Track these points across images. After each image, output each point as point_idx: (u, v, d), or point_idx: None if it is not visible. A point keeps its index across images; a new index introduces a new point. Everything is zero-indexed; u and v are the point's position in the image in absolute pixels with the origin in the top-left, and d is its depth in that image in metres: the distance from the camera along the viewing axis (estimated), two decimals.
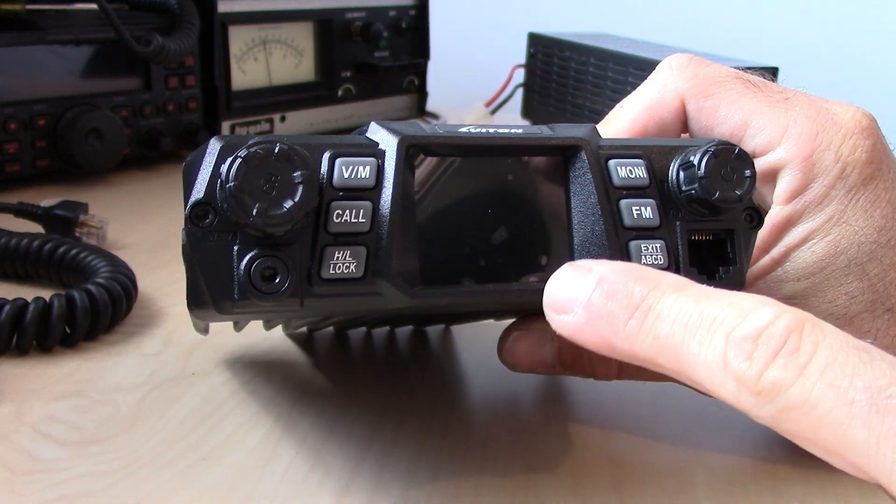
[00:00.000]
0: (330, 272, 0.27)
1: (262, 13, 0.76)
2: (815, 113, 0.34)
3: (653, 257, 0.30)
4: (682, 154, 0.31)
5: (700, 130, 0.36)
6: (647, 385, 0.38)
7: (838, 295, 0.33)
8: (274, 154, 0.26)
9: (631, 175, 0.30)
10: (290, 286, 0.26)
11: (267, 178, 0.26)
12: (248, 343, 0.42)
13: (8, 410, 0.35)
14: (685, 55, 0.37)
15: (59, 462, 0.32)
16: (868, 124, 0.34)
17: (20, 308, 0.39)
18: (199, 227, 0.27)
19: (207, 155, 0.27)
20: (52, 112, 0.63)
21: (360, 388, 0.39)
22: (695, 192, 0.30)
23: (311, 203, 0.26)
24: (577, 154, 0.30)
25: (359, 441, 0.35)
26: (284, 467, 0.33)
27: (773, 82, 0.36)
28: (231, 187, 0.25)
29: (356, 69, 0.84)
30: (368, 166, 0.28)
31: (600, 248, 0.30)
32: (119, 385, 0.38)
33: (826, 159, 0.33)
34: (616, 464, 0.34)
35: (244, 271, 0.26)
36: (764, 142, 0.34)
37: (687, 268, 0.30)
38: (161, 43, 0.64)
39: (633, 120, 0.36)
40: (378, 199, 0.28)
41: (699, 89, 0.36)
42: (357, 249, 0.27)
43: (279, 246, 0.26)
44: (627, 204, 0.30)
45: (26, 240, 0.47)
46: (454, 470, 0.33)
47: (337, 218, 0.27)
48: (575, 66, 0.85)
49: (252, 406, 0.37)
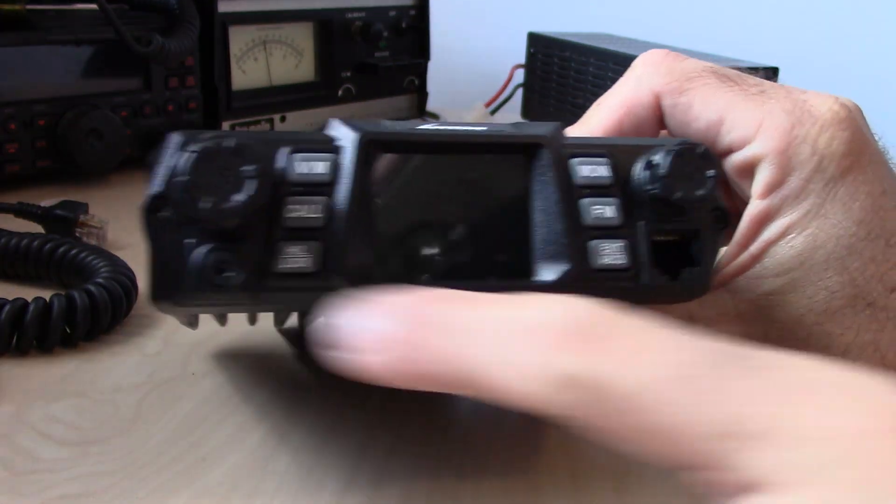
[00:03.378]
0: (283, 267, 0.27)
1: (262, 13, 0.76)
2: (791, 105, 0.33)
3: (613, 257, 0.30)
4: (647, 153, 0.30)
5: (676, 126, 0.36)
6: None
7: (818, 290, 0.33)
8: (227, 149, 0.26)
9: (593, 174, 0.30)
10: (242, 280, 0.26)
11: (220, 172, 0.26)
12: (249, 343, 0.42)
13: (8, 410, 0.35)
14: (660, 51, 0.36)
15: (59, 462, 0.32)
16: (846, 115, 0.33)
17: (20, 308, 0.39)
18: (155, 219, 0.27)
19: (167, 149, 0.27)
20: (52, 112, 0.63)
21: (361, 387, 0.39)
22: (656, 192, 0.29)
23: (262, 197, 0.26)
24: (539, 152, 0.30)
25: (359, 441, 0.35)
26: (284, 467, 0.33)
27: (750, 76, 0.35)
28: (184, 181, 0.25)
29: (356, 69, 0.84)
30: (325, 162, 0.28)
31: (559, 248, 0.29)
32: (119, 385, 0.38)
33: (802, 152, 0.33)
34: (616, 464, 0.34)
35: (197, 264, 0.26)
36: (740, 136, 0.34)
37: (650, 268, 0.30)
38: (161, 43, 0.64)
39: (608, 117, 0.36)
40: (334, 195, 0.28)
41: (674, 85, 0.35)
42: (311, 244, 0.27)
43: (233, 240, 0.27)
44: (588, 203, 0.30)
45: (26, 240, 0.47)
46: (454, 470, 0.33)
47: (291, 213, 0.27)
48: (575, 66, 0.85)
49: (252, 406, 0.37)
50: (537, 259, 0.30)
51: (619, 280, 0.30)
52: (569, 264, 0.29)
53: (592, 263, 0.29)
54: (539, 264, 0.30)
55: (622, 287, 0.30)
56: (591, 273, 0.29)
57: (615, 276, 0.30)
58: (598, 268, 0.30)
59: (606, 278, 0.30)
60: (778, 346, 0.32)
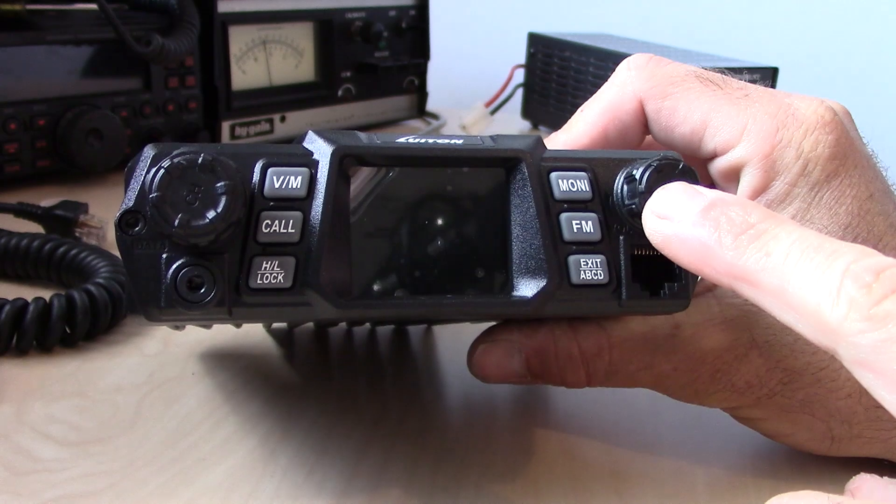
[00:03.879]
0: (258, 282, 0.27)
1: (262, 13, 0.76)
2: (775, 109, 0.33)
3: (592, 272, 0.29)
4: (627, 167, 0.30)
5: (660, 131, 0.35)
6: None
7: None
8: (197, 164, 0.26)
9: (573, 188, 0.30)
10: (216, 295, 0.26)
11: (190, 188, 0.26)
12: (249, 344, 0.42)
13: (8, 410, 0.35)
14: (644, 55, 0.36)
15: (59, 462, 0.32)
16: (831, 118, 0.33)
17: (20, 308, 0.39)
18: (128, 234, 0.27)
19: (140, 162, 0.27)
20: (52, 112, 0.63)
21: (361, 387, 0.39)
22: (635, 207, 0.29)
23: (234, 214, 0.26)
24: (518, 166, 0.30)
25: (359, 441, 0.35)
26: (284, 467, 0.33)
27: (734, 79, 0.35)
28: (153, 198, 0.25)
29: (356, 69, 0.84)
30: (300, 176, 0.28)
31: (538, 263, 0.29)
32: (119, 385, 0.38)
33: (787, 156, 0.32)
34: (616, 464, 0.34)
35: (170, 280, 0.26)
36: (724, 140, 0.33)
37: (629, 283, 0.30)
38: (161, 43, 0.64)
39: (592, 123, 0.36)
40: (309, 210, 0.27)
41: (657, 90, 0.35)
42: (286, 260, 0.27)
43: (207, 255, 0.26)
44: (568, 218, 0.30)
45: (26, 240, 0.47)
46: (454, 470, 0.33)
47: (266, 228, 0.27)
48: (575, 66, 0.85)
49: (252, 406, 0.37)
50: (516, 274, 0.30)
51: (598, 295, 0.30)
52: (547, 280, 0.29)
53: (572, 279, 0.29)
54: (518, 279, 0.29)
55: (602, 302, 0.30)
56: (570, 289, 0.29)
57: (595, 292, 0.29)
58: (578, 283, 0.29)
59: (586, 294, 0.29)
60: (765, 353, 0.32)
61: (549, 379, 0.33)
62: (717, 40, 1.02)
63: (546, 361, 0.33)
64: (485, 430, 0.36)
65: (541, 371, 0.33)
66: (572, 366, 0.33)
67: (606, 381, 0.33)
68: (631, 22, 1.14)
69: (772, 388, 0.32)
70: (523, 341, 0.33)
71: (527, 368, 0.33)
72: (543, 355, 0.33)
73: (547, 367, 0.33)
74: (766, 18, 1.20)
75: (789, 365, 0.32)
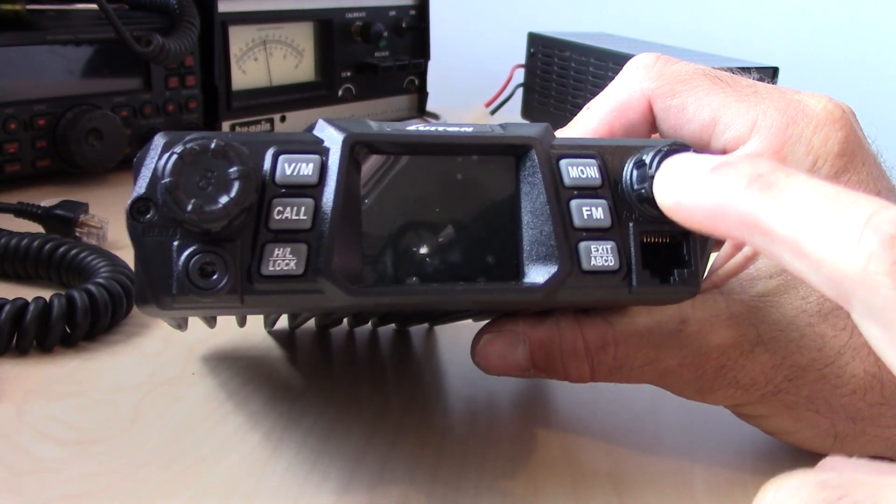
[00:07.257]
0: (270, 269, 0.27)
1: (262, 13, 0.76)
2: (785, 105, 0.33)
3: (603, 259, 0.29)
4: (636, 153, 0.30)
5: (669, 130, 0.35)
6: (647, 385, 0.38)
7: (811, 291, 0.32)
8: (210, 150, 0.26)
9: (582, 175, 0.30)
10: (228, 282, 0.26)
11: (203, 174, 0.26)
12: (249, 344, 0.42)
13: (8, 410, 0.35)
14: (651, 54, 0.36)
15: (59, 462, 0.32)
16: (840, 115, 0.33)
17: (20, 308, 0.39)
18: (139, 222, 0.27)
19: (151, 150, 0.27)
20: (52, 112, 0.63)
21: (361, 387, 0.39)
22: (645, 192, 0.29)
23: (247, 199, 0.26)
24: (528, 153, 0.30)
25: (359, 441, 0.35)
26: (284, 467, 0.33)
27: (743, 77, 0.35)
28: (166, 183, 0.25)
29: (356, 69, 0.84)
30: (311, 163, 0.28)
31: (549, 249, 0.29)
32: (119, 385, 0.38)
33: (797, 152, 0.32)
34: (616, 464, 0.34)
35: (182, 267, 0.26)
36: (734, 136, 0.33)
37: (640, 270, 0.30)
38: (161, 43, 0.64)
39: (599, 121, 0.36)
40: (321, 197, 0.27)
41: (665, 88, 0.35)
42: (298, 247, 0.27)
43: (219, 242, 0.26)
44: (578, 204, 0.30)
45: (26, 240, 0.47)
46: (454, 470, 0.33)
47: (278, 215, 0.27)
48: (575, 66, 0.85)
49: (252, 406, 0.37)
50: (526, 261, 0.30)
51: (609, 282, 0.30)
52: (558, 266, 0.29)
53: (582, 265, 0.29)
54: (528, 266, 0.30)
55: (612, 289, 0.30)
56: (581, 275, 0.29)
57: (605, 279, 0.30)
58: (589, 270, 0.29)
59: (597, 281, 0.30)
60: (771, 349, 0.32)
61: (553, 372, 0.33)
62: (717, 40, 1.02)
63: (550, 354, 0.33)
64: (485, 430, 0.36)
65: (544, 364, 0.33)
66: (576, 359, 0.33)
67: (610, 376, 0.33)
68: (631, 22, 1.14)
69: (777, 385, 0.32)
70: (528, 332, 0.33)
71: (530, 361, 0.33)
72: (548, 347, 0.33)
73: (551, 360, 0.33)
74: (766, 18, 1.20)
75: (795, 361, 0.32)
